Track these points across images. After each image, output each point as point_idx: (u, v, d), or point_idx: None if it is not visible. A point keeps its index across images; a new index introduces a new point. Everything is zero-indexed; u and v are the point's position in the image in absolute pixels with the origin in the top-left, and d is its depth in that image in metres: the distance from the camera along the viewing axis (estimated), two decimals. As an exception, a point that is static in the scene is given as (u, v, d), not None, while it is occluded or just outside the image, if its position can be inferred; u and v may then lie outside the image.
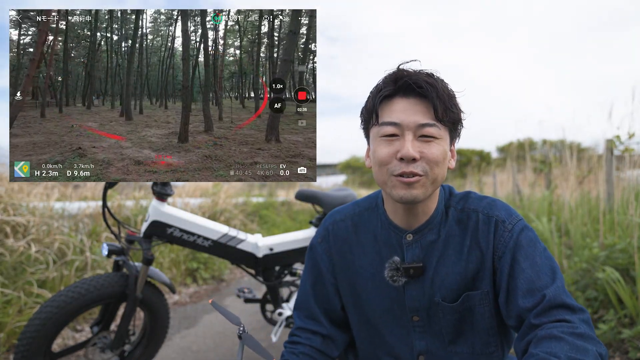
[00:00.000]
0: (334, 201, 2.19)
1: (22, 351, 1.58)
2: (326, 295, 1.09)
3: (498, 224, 0.93)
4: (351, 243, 1.06)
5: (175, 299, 3.66)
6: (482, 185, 9.52)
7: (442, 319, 0.97)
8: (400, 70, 0.90)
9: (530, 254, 0.89)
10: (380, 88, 0.91)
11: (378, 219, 1.03)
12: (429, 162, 0.87)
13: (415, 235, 0.97)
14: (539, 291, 0.84)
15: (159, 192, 1.88)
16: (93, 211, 3.79)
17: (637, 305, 2.14)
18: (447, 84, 0.91)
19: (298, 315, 1.11)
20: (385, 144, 0.89)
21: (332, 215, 1.12)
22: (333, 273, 1.08)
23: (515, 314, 0.87)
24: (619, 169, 3.55)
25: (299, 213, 9.05)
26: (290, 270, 2.24)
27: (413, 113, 0.87)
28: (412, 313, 0.99)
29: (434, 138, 0.87)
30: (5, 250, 2.61)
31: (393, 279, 0.96)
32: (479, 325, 0.96)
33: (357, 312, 1.06)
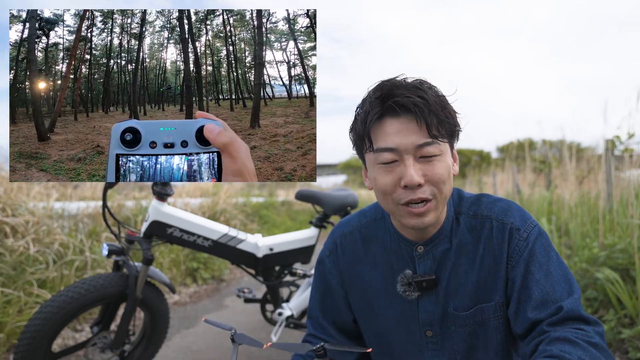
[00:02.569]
0: (333, 201, 2.19)
1: (22, 351, 1.58)
2: (336, 308, 1.06)
3: (513, 232, 0.89)
4: (360, 256, 1.02)
5: (175, 299, 3.66)
6: (482, 185, 9.51)
7: (454, 332, 0.93)
8: (385, 87, 0.83)
9: (545, 264, 0.85)
10: (368, 111, 0.83)
11: (386, 231, 0.99)
12: (436, 183, 0.82)
13: (426, 247, 0.93)
14: (554, 303, 0.81)
15: (159, 192, 1.88)
16: (93, 211, 3.79)
17: (637, 305, 2.14)
18: (437, 89, 0.84)
19: (310, 323, 1.09)
20: (385, 172, 0.83)
21: (340, 228, 1.08)
22: (343, 286, 1.05)
23: (525, 325, 0.83)
24: (619, 169, 3.55)
25: (299, 213, 9.05)
26: (290, 270, 2.23)
27: (408, 134, 0.80)
28: (425, 327, 0.95)
29: (435, 156, 0.82)
30: (5, 250, 2.61)
31: (406, 293, 0.93)
32: (494, 340, 0.92)
33: (369, 325, 1.03)
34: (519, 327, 0.85)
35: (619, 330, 2.14)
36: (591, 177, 4.24)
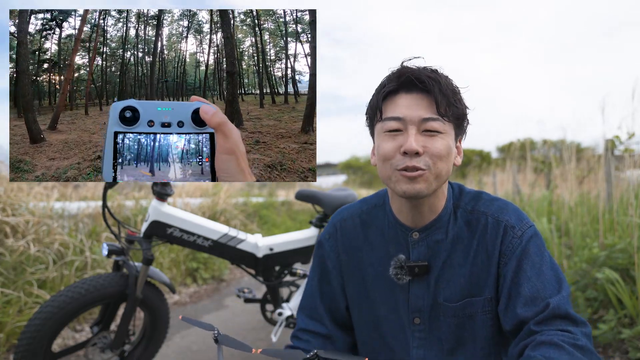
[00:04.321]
0: (333, 201, 2.19)
1: (22, 351, 1.58)
2: (331, 293, 1.07)
3: (507, 229, 0.91)
4: (359, 240, 1.05)
5: (175, 299, 3.66)
6: (482, 185, 9.51)
7: (443, 323, 0.95)
8: (404, 67, 0.89)
9: (537, 263, 0.87)
10: (384, 84, 0.90)
11: (385, 217, 1.02)
12: (433, 156, 0.85)
13: (421, 234, 0.96)
14: (542, 300, 0.83)
15: (159, 192, 1.88)
16: (93, 211, 3.79)
17: (636, 305, 2.14)
18: (452, 79, 0.90)
19: (301, 316, 1.09)
20: (388, 138, 0.88)
21: (341, 213, 1.10)
22: (340, 271, 1.07)
23: (513, 321, 0.85)
24: (619, 169, 3.55)
25: (299, 213, 9.05)
26: (290, 270, 2.24)
27: (416, 108, 0.86)
28: (414, 314, 0.97)
29: (437, 132, 0.86)
30: (5, 250, 2.61)
31: (397, 276, 0.95)
32: (480, 334, 0.93)
33: (362, 311, 1.04)
34: (508, 323, 0.86)
35: (619, 330, 2.14)
36: (591, 177, 4.24)
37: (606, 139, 3.38)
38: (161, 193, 1.88)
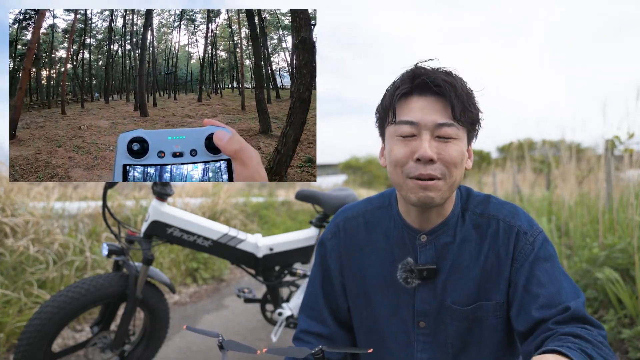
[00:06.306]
0: (333, 201, 2.19)
1: (22, 351, 1.58)
2: (333, 293, 1.06)
3: (520, 234, 0.90)
4: (362, 241, 1.03)
5: (175, 299, 3.66)
6: (482, 185, 9.52)
7: (449, 326, 0.93)
8: (418, 68, 0.87)
9: (550, 268, 0.87)
10: (398, 86, 0.87)
11: (391, 218, 1.00)
12: (447, 163, 0.83)
13: (429, 237, 0.94)
14: (560, 304, 0.82)
15: (159, 192, 1.88)
16: (93, 211, 3.79)
17: (637, 305, 2.14)
18: (466, 82, 0.88)
19: (302, 317, 1.08)
20: (401, 143, 0.86)
21: (344, 212, 1.08)
22: (341, 271, 1.05)
23: (529, 323, 0.84)
24: (619, 169, 3.55)
25: (299, 213, 9.05)
26: (290, 270, 2.24)
27: (431, 112, 0.84)
28: (419, 317, 0.95)
29: (451, 138, 0.84)
30: (5, 250, 2.61)
31: (407, 280, 0.93)
32: (488, 339, 0.92)
33: (362, 313, 1.03)
34: (521, 324, 0.85)
35: (619, 330, 2.15)
36: (591, 177, 4.24)
37: (606, 139, 3.39)
38: (161, 193, 1.88)
